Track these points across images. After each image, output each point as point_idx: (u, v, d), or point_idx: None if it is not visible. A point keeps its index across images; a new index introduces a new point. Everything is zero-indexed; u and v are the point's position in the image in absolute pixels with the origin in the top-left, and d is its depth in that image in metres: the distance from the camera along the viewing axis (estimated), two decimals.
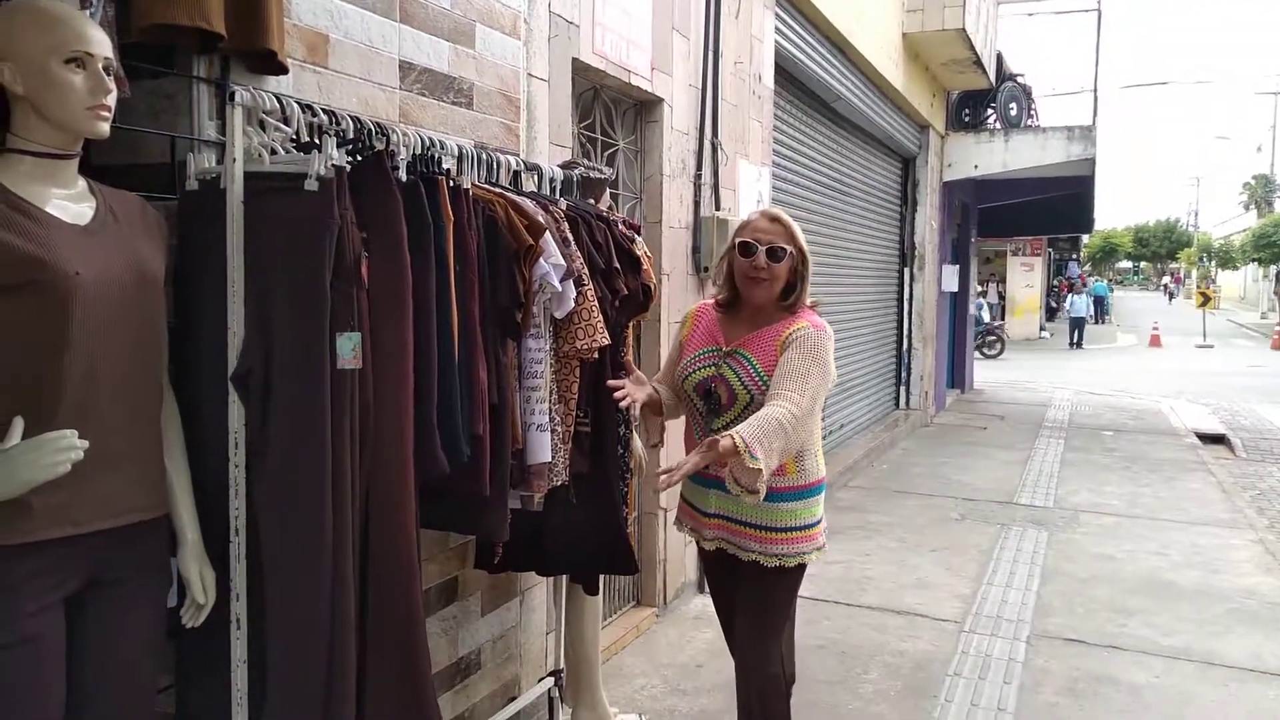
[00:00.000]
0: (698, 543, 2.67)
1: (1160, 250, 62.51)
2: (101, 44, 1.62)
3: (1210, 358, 20.72)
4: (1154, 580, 5.16)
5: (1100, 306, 31.25)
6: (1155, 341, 23.25)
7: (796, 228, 2.56)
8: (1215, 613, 4.66)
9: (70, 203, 1.64)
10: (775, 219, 2.56)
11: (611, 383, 2.53)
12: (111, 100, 1.63)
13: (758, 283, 2.50)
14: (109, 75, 1.63)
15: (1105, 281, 39.06)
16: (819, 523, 2.57)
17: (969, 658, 4.06)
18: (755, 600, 2.57)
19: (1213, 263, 48.10)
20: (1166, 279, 56.41)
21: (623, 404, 2.47)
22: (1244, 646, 4.22)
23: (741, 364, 2.50)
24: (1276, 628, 4.45)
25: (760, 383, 2.45)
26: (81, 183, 1.69)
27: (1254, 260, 37.24)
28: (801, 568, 2.56)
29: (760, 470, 2.18)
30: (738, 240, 2.54)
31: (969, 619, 4.52)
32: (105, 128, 1.63)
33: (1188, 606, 4.74)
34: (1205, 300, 25.04)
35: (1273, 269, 36.72)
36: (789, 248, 2.50)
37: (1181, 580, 5.16)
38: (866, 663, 3.99)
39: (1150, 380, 15.37)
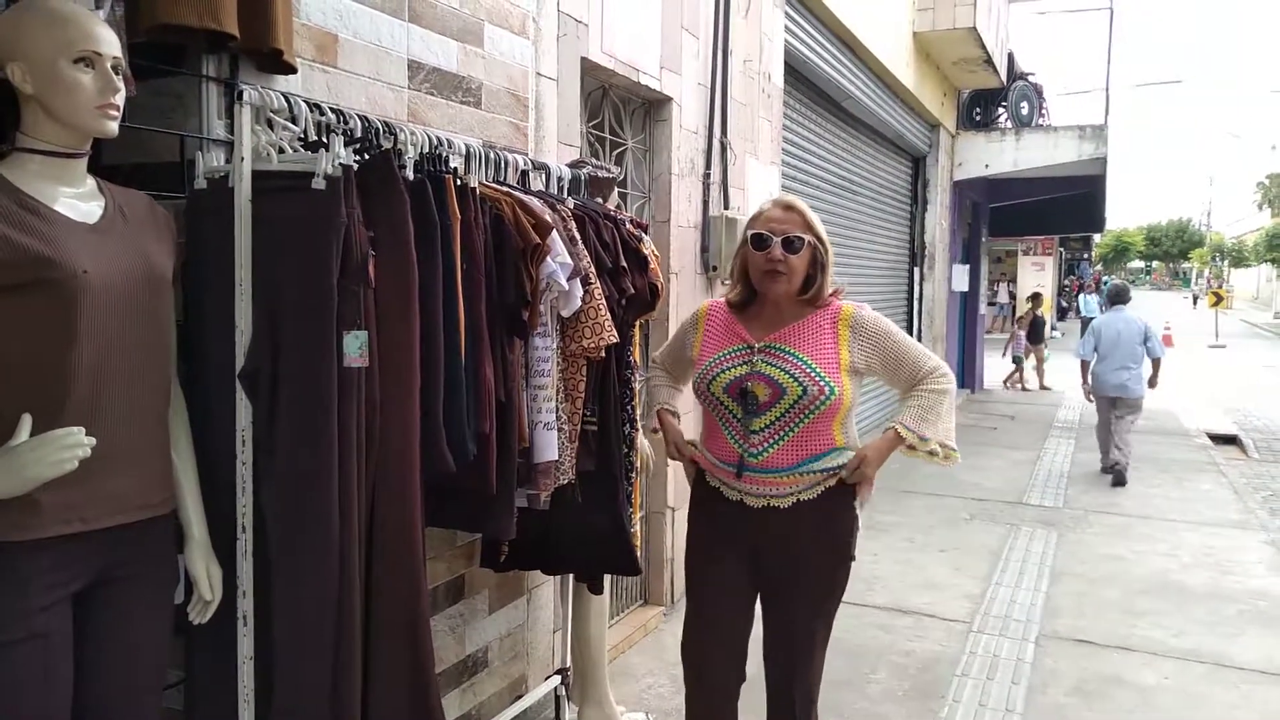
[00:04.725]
0: (741, 502, 2.35)
1: (1172, 250, 62.21)
2: (110, 43, 1.62)
3: (1223, 358, 20.59)
4: (1164, 581, 5.14)
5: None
6: (1167, 341, 23.03)
7: (813, 214, 2.36)
8: (1227, 614, 4.63)
9: (79, 201, 1.65)
10: (789, 206, 2.34)
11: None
12: (120, 99, 1.64)
13: (775, 277, 2.29)
14: (117, 75, 1.63)
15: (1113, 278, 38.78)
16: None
17: (977, 658, 4.05)
18: (819, 596, 2.37)
19: (1225, 262, 47.80)
20: (1197, 284, 53.54)
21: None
22: (1256, 649, 4.20)
23: (784, 358, 2.30)
24: None
25: (813, 374, 2.26)
26: (90, 182, 1.70)
27: (1268, 260, 37.01)
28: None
29: (937, 449, 2.30)
30: (750, 233, 2.34)
31: (977, 619, 4.50)
32: (114, 127, 1.64)
33: (1198, 608, 4.71)
34: (1218, 300, 24.88)
35: None
36: (806, 236, 2.29)
37: (1192, 581, 5.14)
38: (874, 662, 3.98)
39: (1162, 380, 15.27)
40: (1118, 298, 8.15)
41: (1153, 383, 7.88)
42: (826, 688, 2.52)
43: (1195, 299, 47.08)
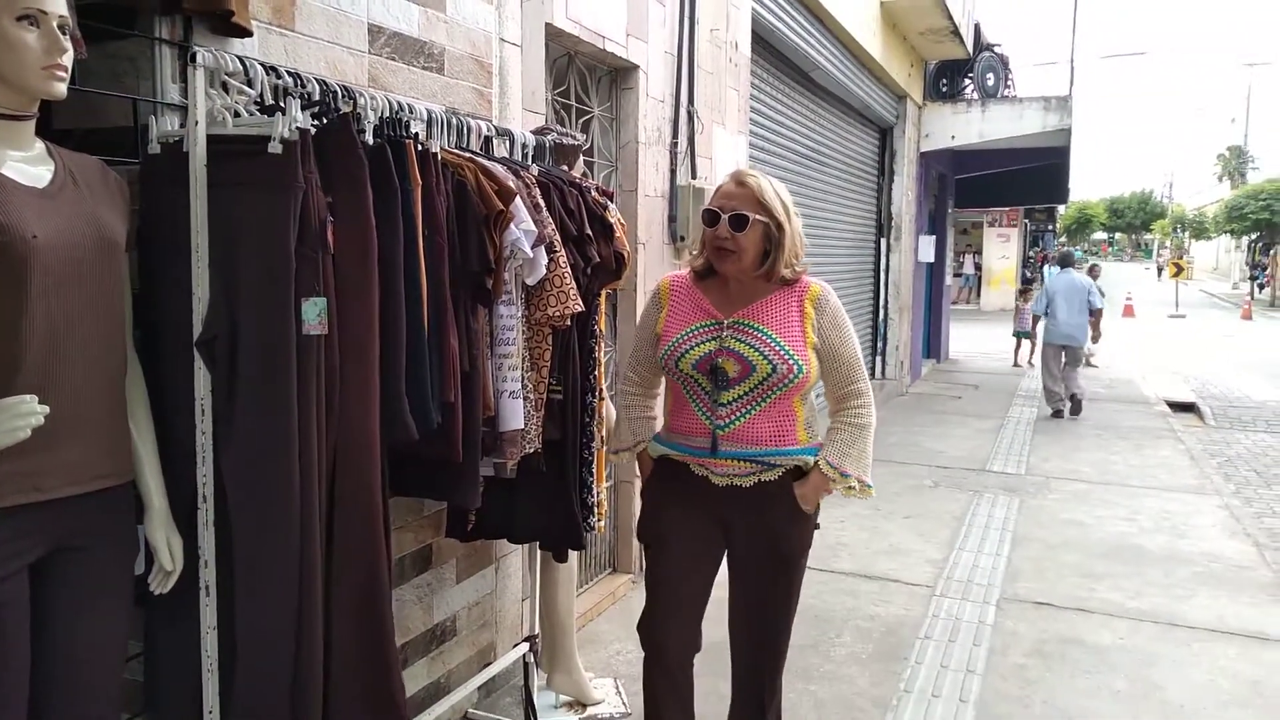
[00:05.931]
0: (706, 478, 2.37)
1: (1135, 221, 62.98)
2: (55, 2, 1.58)
3: (1183, 327, 20.96)
4: (1122, 545, 5.25)
5: None
6: (1129, 311, 23.47)
7: (771, 190, 2.30)
8: (1181, 576, 4.75)
9: (28, 165, 1.61)
10: (742, 182, 2.31)
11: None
12: (67, 60, 1.60)
13: (723, 254, 2.30)
14: (64, 35, 1.59)
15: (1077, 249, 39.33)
16: None
17: (939, 621, 4.12)
18: (787, 566, 2.41)
19: (1186, 234, 48.47)
20: (1159, 256, 53.18)
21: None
22: (1207, 608, 4.31)
23: (752, 334, 2.30)
24: (1239, 590, 4.55)
25: (782, 353, 2.27)
26: (39, 145, 1.66)
27: (1227, 231, 37.55)
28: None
29: (854, 485, 2.36)
30: (704, 208, 2.35)
31: (940, 583, 4.58)
32: (61, 88, 1.60)
33: (1155, 570, 4.83)
34: (1178, 271, 25.30)
35: (1244, 240, 37.08)
36: (755, 215, 2.26)
37: (1149, 545, 5.25)
38: (839, 627, 4.04)
39: (1123, 349, 15.52)
40: (1064, 261, 9.81)
41: (1095, 335, 9.35)
42: (792, 652, 2.55)
43: (1160, 270, 47.29)
